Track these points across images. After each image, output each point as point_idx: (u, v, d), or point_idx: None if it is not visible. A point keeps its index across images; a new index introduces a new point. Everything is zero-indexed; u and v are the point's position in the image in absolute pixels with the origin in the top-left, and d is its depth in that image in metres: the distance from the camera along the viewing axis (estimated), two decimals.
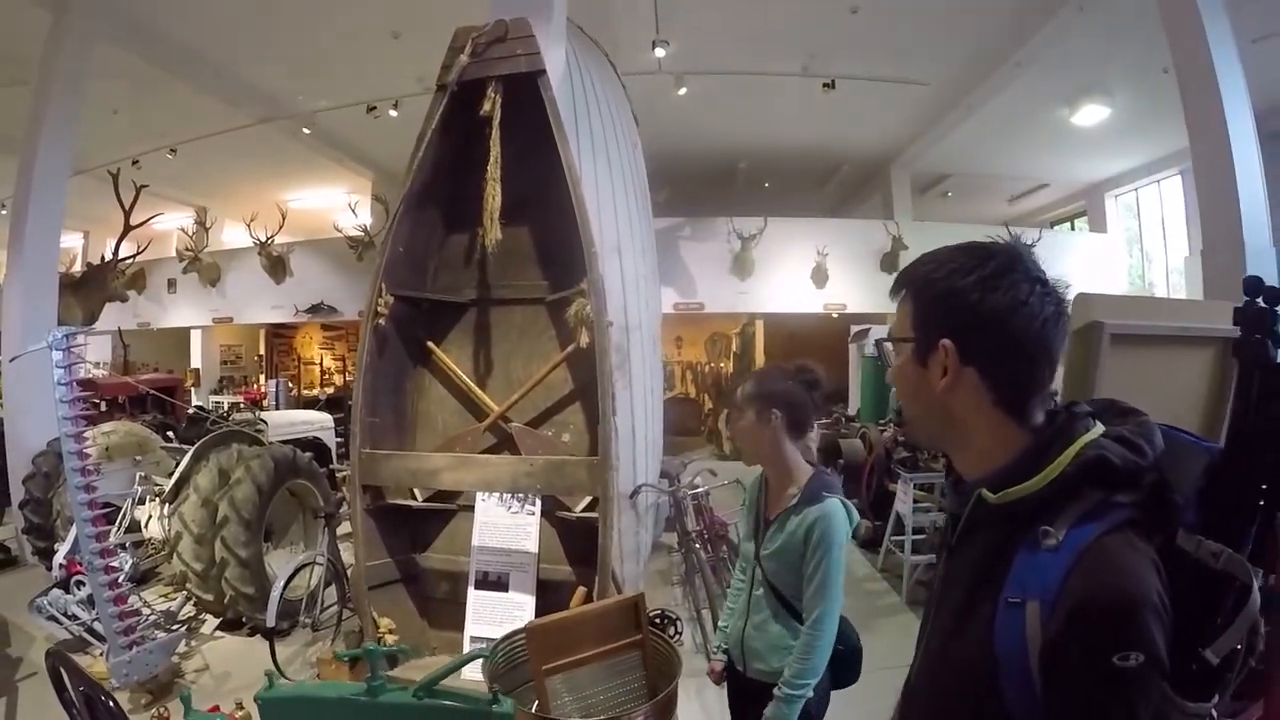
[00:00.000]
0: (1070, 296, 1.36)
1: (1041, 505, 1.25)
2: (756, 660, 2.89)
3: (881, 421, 10.08)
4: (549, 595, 4.38)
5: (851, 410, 13.54)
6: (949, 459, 1.52)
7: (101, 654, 5.13)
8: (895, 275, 1.50)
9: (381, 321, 4.59)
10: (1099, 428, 1.30)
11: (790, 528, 2.78)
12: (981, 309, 1.29)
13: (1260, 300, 1.38)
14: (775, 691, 2.68)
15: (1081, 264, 16.26)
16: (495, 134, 4.57)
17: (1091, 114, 13.22)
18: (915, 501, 7.51)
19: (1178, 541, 1.20)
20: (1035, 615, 1.17)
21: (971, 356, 1.31)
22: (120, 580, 5.04)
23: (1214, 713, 1.21)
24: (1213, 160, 6.96)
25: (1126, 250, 17.34)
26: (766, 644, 2.86)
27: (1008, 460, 1.32)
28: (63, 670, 2.75)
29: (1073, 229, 19.51)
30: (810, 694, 2.69)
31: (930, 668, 1.49)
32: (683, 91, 12.25)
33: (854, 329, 14.81)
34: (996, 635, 1.22)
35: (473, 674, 3.39)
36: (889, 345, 1.50)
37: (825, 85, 12.17)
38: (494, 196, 4.54)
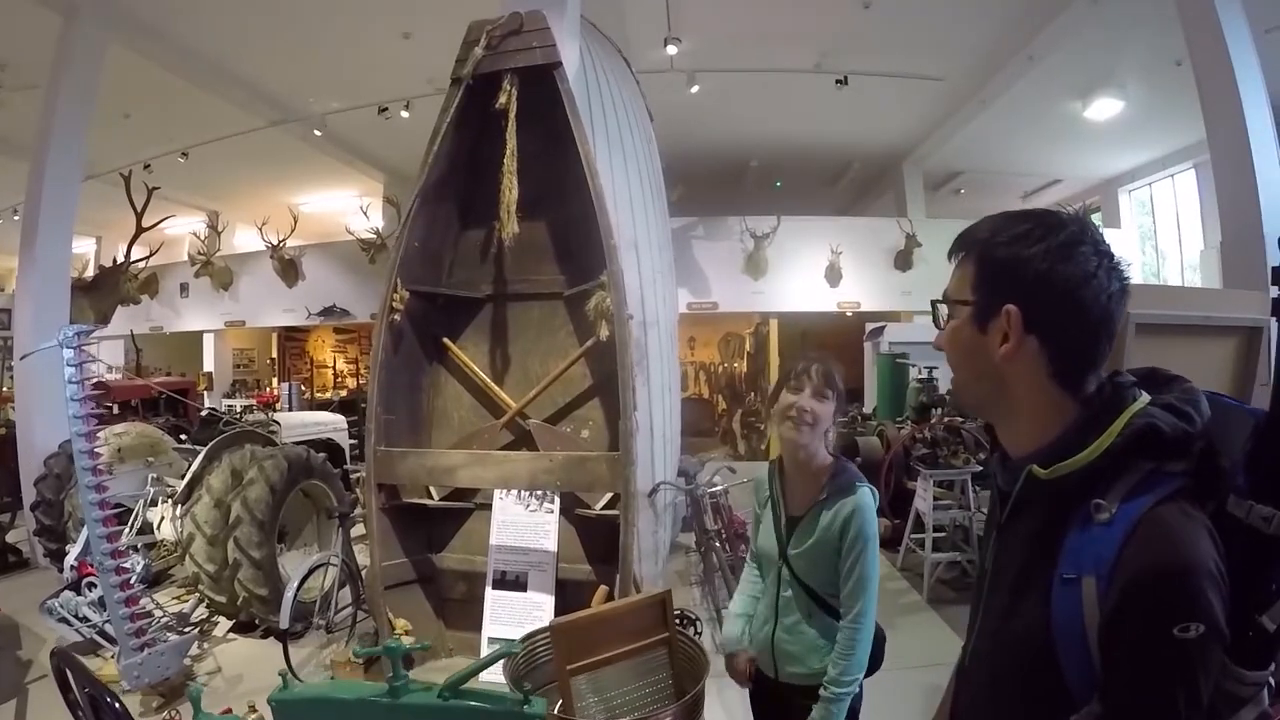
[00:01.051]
0: (1130, 280, 1.33)
1: (1092, 478, 1.22)
2: (792, 664, 2.78)
3: (899, 419, 10.01)
4: (568, 595, 4.33)
5: (867, 408, 13.46)
6: (992, 432, 1.49)
7: (113, 656, 5.09)
8: (956, 239, 1.47)
9: (397, 317, 4.53)
10: (1145, 396, 1.28)
11: (824, 522, 2.68)
12: (1051, 278, 1.27)
13: None
14: (821, 692, 2.60)
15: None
16: (511, 126, 4.51)
17: (1104, 108, 13.14)
18: (935, 499, 7.43)
19: (1228, 507, 1.18)
20: (1092, 591, 1.16)
21: (1035, 325, 1.29)
22: (132, 582, 4.98)
23: (1271, 681, 1.18)
24: (1231, 151, 6.94)
25: (1140, 246, 17.22)
26: (804, 646, 2.75)
27: (1057, 434, 1.29)
28: (68, 671, 2.69)
29: None
30: (857, 689, 2.63)
31: (985, 647, 1.46)
32: (695, 89, 12.19)
33: (869, 327, 14.78)
34: (1053, 612, 1.20)
35: (491, 676, 3.32)
36: (943, 306, 1.46)
37: (838, 81, 12.07)
38: (511, 189, 4.48)
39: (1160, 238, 16.81)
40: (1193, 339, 4.14)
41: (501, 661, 2.70)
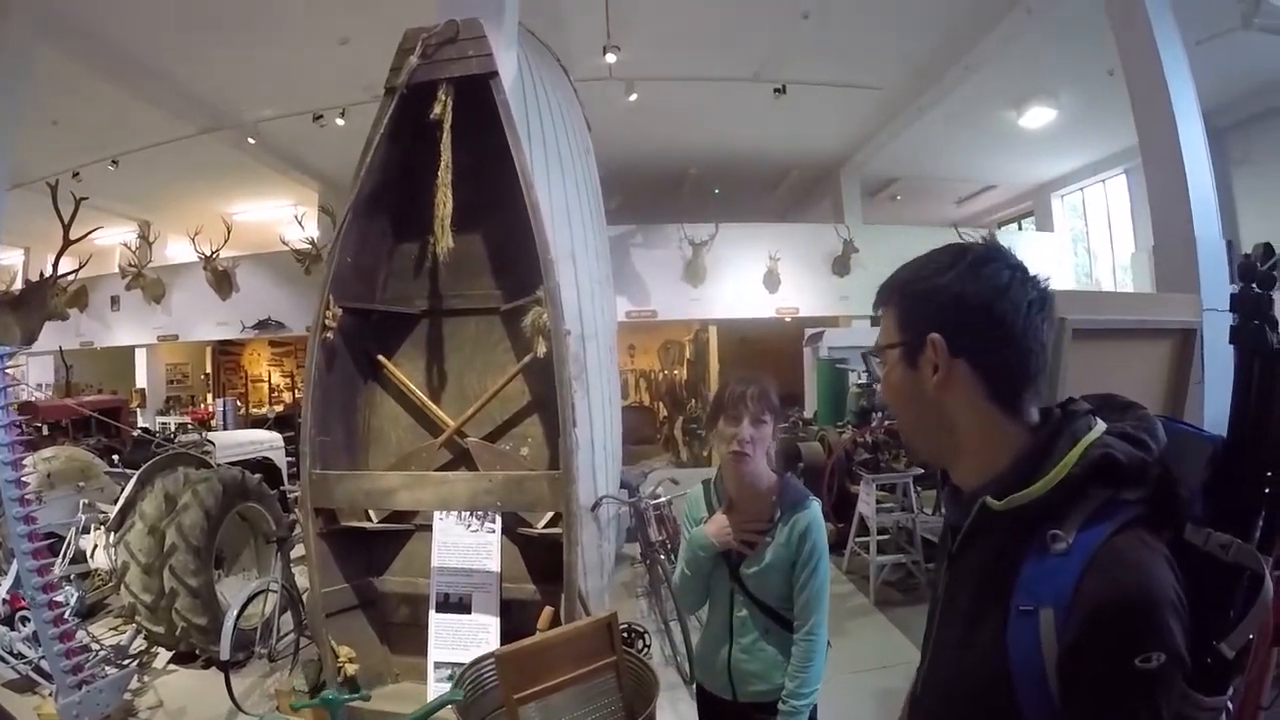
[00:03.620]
0: (1050, 289, 1.35)
1: (1048, 509, 1.21)
2: (753, 683, 2.81)
3: (839, 424, 10.09)
4: (514, 615, 4.25)
5: (808, 413, 13.57)
6: (944, 471, 1.47)
7: (50, 694, 4.90)
8: (877, 292, 1.48)
9: (329, 335, 4.40)
10: (1101, 425, 1.26)
11: (780, 538, 2.74)
12: (964, 297, 1.29)
13: (1255, 285, 1.35)
14: (781, 706, 2.66)
15: (1029, 262, 16.46)
16: (446, 138, 4.42)
17: (1038, 116, 13.50)
18: (878, 502, 7.52)
19: (1186, 535, 1.19)
20: (1049, 622, 1.15)
21: (960, 347, 1.30)
22: (66, 616, 4.78)
23: (1229, 705, 1.21)
24: (1163, 159, 7.09)
25: (1072, 249, 17.64)
26: (766, 663, 2.79)
27: (1008, 464, 1.28)
28: None
29: (1020, 229, 19.83)
30: (815, 701, 2.70)
31: (938, 679, 1.46)
32: (633, 98, 12.21)
33: (808, 332, 14.91)
34: (1009, 645, 1.19)
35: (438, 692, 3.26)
36: (876, 358, 1.47)
37: (776, 91, 12.22)
38: (445, 203, 4.39)
39: (1092, 240, 17.23)
40: (1129, 342, 4.21)
41: (449, 685, 2.66)
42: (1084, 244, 17.48)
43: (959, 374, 1.29)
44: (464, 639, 4.19)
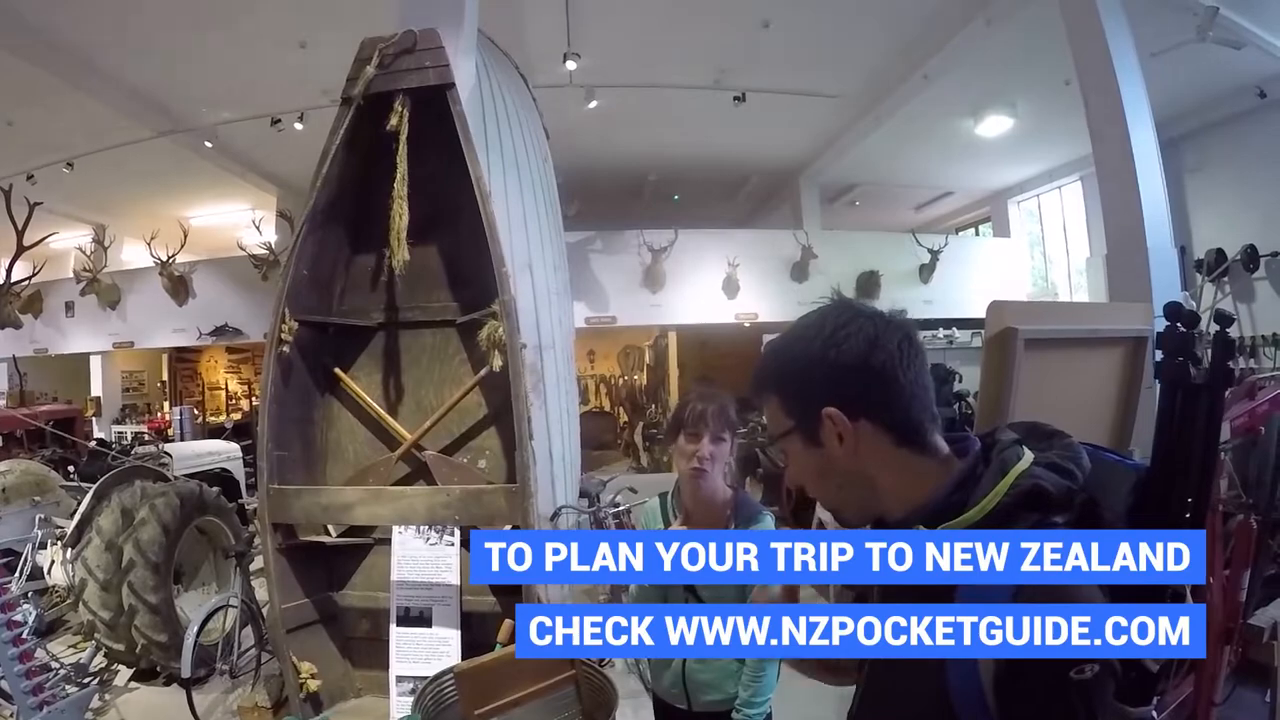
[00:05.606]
0: (908, 320, 1.38)
1: None
2: (707, 693, 2.87)
3: None
4: (474, 628, 4.25)
5: (766, 419, 13.64)
6: None
7: (11, 715, 4.81)
8: (751, 384, 1.50)
9: (285, 349, 4.37)
10: (1029, 455, 1.29)
11: None
12: (841, 363, 1.31)
13: (1180, 325, 1.40)
14: (734, 715, 2.73)
15: (986, 268, 16.83)
16: (402, 149, 4.40)
17: (995, 124, 13.61)
18: None
19: None
20: None
21: (857, 410, 1.32)
22: (25, 635, 4.68)
23: (1154, 714, 1.22)
24: (1116, 168, 7.18)
25: (1029, 253, 17.86)
26: (719, 673, 2.85)
27: (932, 495, 1.30)
28: None
29: (977, 234, 20.07)
30: (768, 710, 2.77)
31: (876, 698, 1.47)
32: (593, 105, 12.20)
33: (766, 338, 14.90)
34: (947, 663, 1.19)
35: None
36: (776, 448, 1.49)
37: (736, 98, 12.25)
38: (401, 215, 4.38)
39: (1048, 244, 17.46)
40: (1081, 350, 4.26)
41: (411, 699, 2.67)
42: (1040, 249, 17.70)
43: (865, 433, 1.32)
44: (425, 652, 4.18)
